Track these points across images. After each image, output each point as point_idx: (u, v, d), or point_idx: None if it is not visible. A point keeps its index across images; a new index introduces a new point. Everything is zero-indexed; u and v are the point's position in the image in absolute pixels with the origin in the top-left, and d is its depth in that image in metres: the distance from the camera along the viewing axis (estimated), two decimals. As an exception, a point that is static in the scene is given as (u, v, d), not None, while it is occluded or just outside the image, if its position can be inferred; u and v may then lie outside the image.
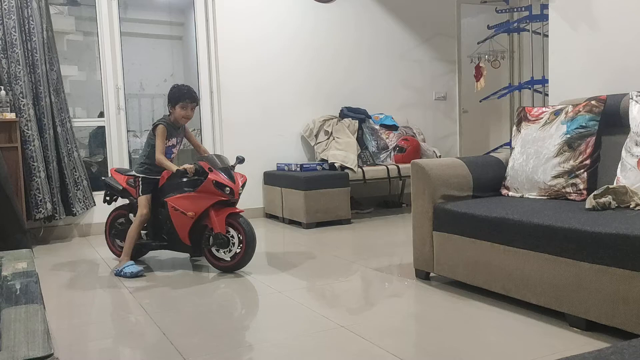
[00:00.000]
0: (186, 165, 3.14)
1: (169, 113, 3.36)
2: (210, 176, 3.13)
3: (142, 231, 3.37)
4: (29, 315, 1.16)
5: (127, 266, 3.21)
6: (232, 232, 3.16)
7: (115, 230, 3.58)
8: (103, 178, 3.62)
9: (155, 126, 3.28)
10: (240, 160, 3.47)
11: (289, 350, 2.04)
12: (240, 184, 3.22)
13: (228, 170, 3.22)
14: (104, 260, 3.66)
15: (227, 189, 3.13)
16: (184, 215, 3.17)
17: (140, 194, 3.31)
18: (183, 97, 3.29)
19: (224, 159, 3.34)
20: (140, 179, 3.33)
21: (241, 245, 3.14)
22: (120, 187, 3.46)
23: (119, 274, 3.21)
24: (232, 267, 3.19)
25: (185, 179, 3.19)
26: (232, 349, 2.08)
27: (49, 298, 2.77)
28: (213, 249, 3.22)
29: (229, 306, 2.60)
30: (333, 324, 2.28)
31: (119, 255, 3.45)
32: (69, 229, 4.53)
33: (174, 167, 3.17)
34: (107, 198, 3.60)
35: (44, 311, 1.22)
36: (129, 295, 2.82)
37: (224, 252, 3.20)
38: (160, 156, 3.21)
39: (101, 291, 2.95)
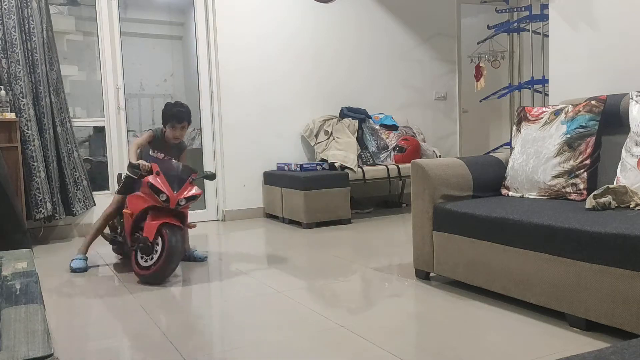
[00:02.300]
0: (141, 161, 3.10)
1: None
2: (148, 178, 3.02)
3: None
4: (29, 315, 1.16)
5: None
6: (159, 241, 2.98)
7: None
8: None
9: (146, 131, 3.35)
10: (208, 175, 3.47)
11: (289, 350, 2.04)
12: (184, 196, 3.05)
13: (178, 179, 3.08)
14: (104, 260, 3.66)
15: (163, 195, 2.98)
16: (126, 211, 3.16)
17: (116, 193, 3.44)
18: (169, 118, 3.28)
19: (187, 170, 3.18)
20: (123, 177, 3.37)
21: (160, 256, 2.96)
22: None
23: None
24: (148, 277, 2.98)
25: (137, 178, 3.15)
26: (232, 349, 2.08)
27: (49, 298, 2.77)
28: (138, 254, 3.05)
29: (229, 306, 2.60)
30: (333, 324, 2.28)
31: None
32: (69, 229, 4.53)
33: (132, 158, 3.16)
34: None
35: (44, 311, 1.22)
36: (129, 295, 2.82)
37: (146, 259, 3.02)
38: (130, 146, 3.34)
39: (101, 291, 2.94)
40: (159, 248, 2.98)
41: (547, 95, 5.10)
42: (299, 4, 5.34)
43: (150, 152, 3.33)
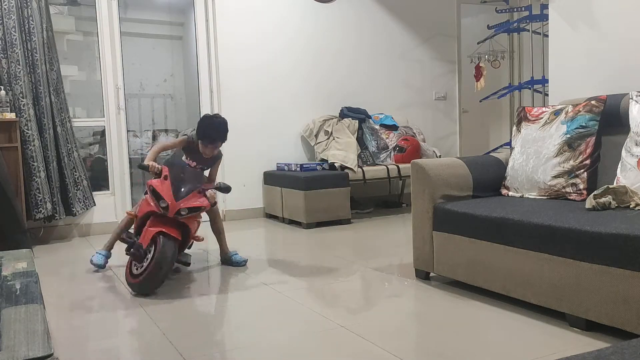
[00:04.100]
0: (152, 163, 2.98)
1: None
2: (152, 181, 2.89)
3: None
4: (29, 315, 1.16)
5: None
6: (152, 250, 2.78)
7: None
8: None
9: (183, 134, 3.22)
10: (222, 188, 3.07)
11: (288, 350, 2.04)
12: (187, 206, 2.84)
13: (187, 187, 2.90)
14: (104, 260, 3.66)
15: (164, 202, 2.81)
16: (129, 212, 3.20)
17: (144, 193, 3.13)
18: (202, 137, 3.15)
19: (198, 178, 3.06)
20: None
21: (148, 265, 2.75)
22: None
23: None
24: (135, 286, 2.79)
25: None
26: (232, 349, 2.08)
27: (49, 298, 2.77)
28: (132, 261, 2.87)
29: (229, 306, 2.60)
30: (333, 324, 2.28)
31: None
32: (69, 229, 4.53)
33: (148, 158, 3.03)
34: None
35: (44, 311, 1.22)
36: (129, 295, 2.82)
37: (137, 267, 2.82)
38: (154, 146, 3.18)
39: (101, 291, 2.94)
40: (149, 257, 2.77)
41: (547, 95, 5.10)
42: (299, 4, 5.34)
43: (183, 158, 3.22)
